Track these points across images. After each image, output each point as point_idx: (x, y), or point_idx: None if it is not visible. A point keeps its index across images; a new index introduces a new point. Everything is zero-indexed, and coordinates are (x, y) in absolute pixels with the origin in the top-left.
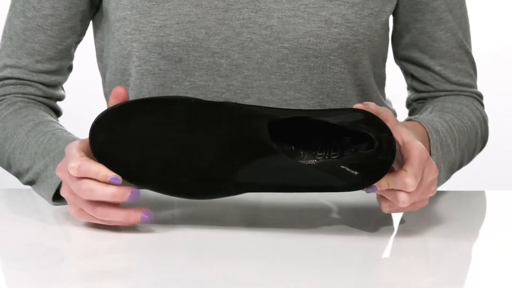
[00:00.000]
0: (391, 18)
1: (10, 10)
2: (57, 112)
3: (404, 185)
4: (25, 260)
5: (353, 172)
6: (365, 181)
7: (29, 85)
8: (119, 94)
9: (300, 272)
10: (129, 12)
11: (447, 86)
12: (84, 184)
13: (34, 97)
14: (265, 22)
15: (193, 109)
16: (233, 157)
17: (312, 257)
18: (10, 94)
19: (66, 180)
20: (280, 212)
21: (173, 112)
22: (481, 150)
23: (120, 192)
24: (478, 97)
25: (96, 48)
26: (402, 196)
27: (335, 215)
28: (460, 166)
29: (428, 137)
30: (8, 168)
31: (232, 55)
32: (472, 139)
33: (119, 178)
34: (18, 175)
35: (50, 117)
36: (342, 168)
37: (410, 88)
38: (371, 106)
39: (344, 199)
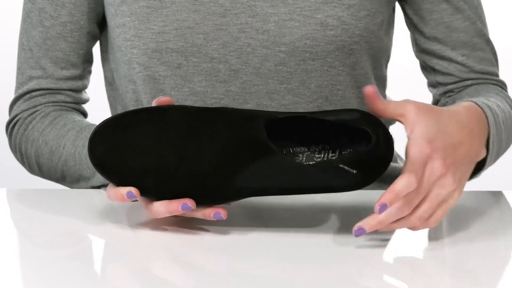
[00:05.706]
0: (397, 17)
1: (25, 21)
2: (85, 115)
3: (394, 189)
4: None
5: (352, 170)
6: (364, 179)
7: (58, 93)
8: (163, 104)
9: (301, 271)
10: (128, 19)
11: (472, 75)
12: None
13: (64, 104)
14: (262, 27)
15: (190, 115)
16: (231, 161)
17: (312, 257)
18: (40, 104)
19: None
20: (283, 210)
21: (170, 119)
22: None
23: (175, 206)
24: (503, 86)
25: (101, 51)
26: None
27: (338, 214)
28: (504, 151)
29: (485, 114)
30: (61, 179)
31: (230, 60)
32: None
33: (132, 191)
34: (77, 181)
35: (86, 121)
36: (340, 166)
37: (434, 84)
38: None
39: (347, 198)
